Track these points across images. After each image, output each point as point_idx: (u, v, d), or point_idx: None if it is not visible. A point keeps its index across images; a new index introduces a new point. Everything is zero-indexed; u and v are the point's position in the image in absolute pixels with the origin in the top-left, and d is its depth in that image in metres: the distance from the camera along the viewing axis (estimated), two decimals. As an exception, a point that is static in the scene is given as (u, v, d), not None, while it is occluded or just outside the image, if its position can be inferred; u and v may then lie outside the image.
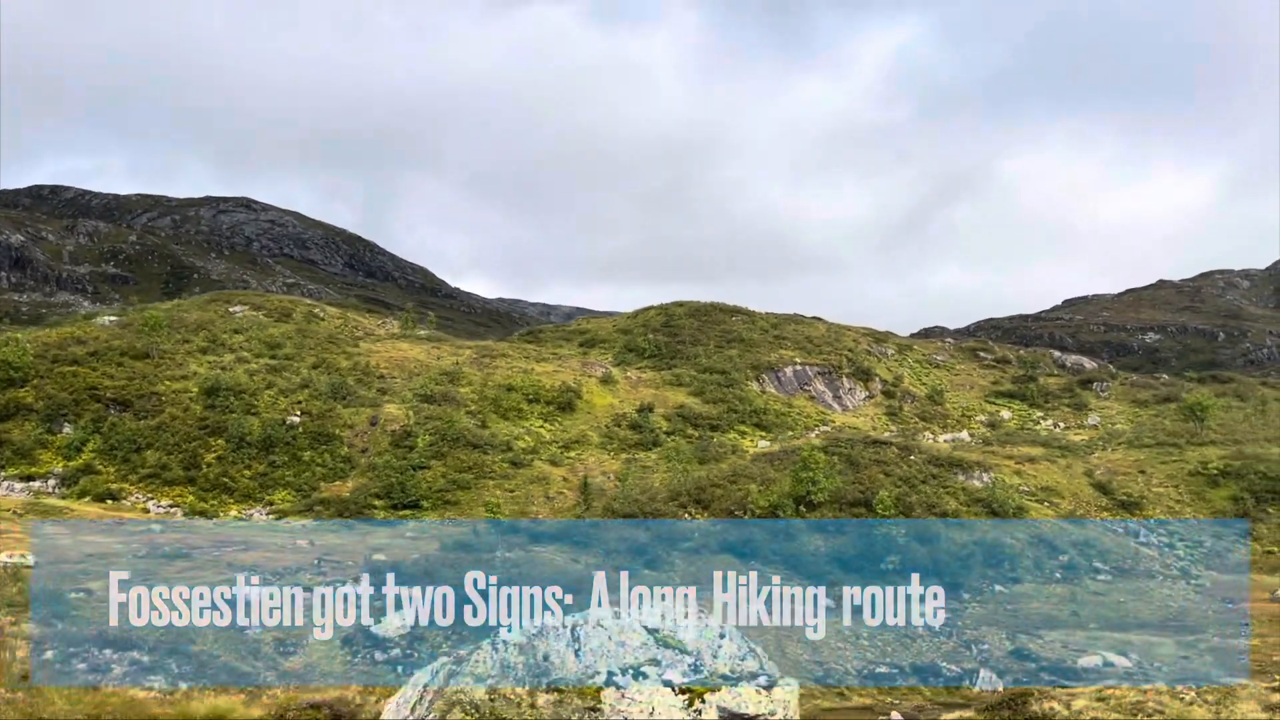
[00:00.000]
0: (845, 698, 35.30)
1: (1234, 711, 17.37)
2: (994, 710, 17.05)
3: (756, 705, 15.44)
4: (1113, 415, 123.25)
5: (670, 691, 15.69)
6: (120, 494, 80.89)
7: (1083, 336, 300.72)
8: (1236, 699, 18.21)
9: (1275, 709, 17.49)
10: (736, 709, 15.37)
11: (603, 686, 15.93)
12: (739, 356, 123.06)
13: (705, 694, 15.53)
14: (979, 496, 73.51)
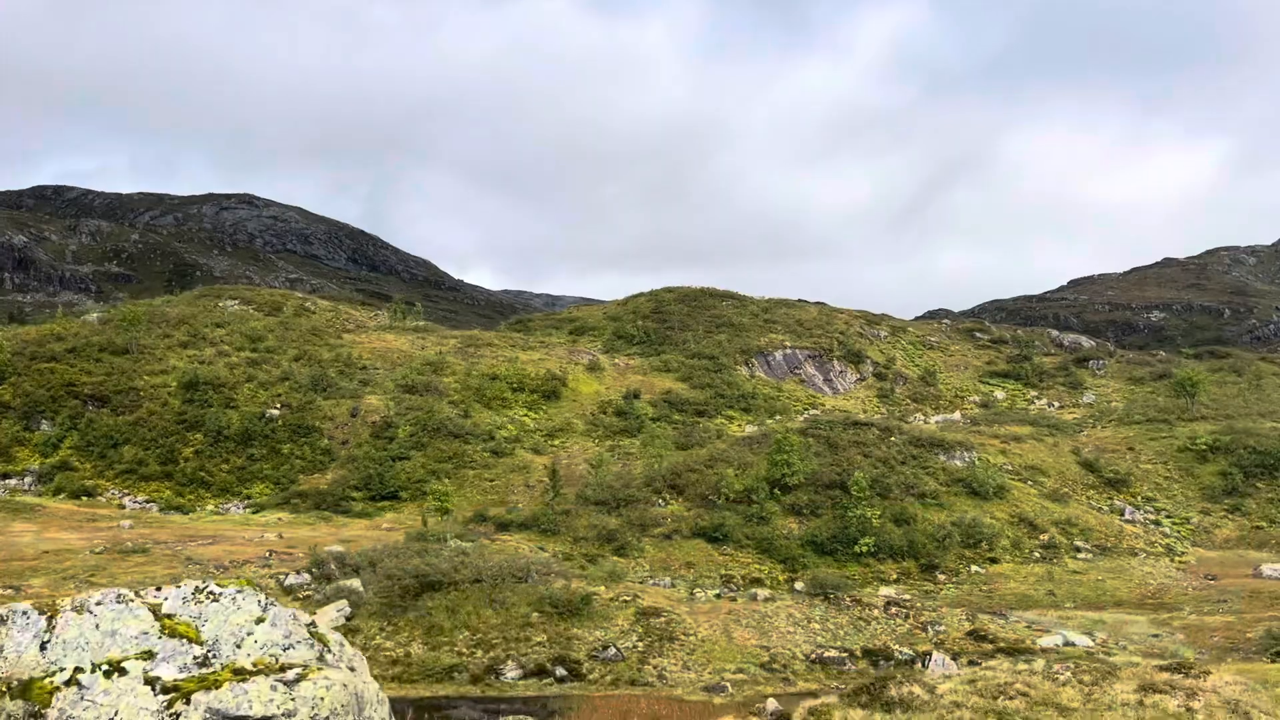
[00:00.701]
0: (790, 683, 34.19)
1: (1106, 693, 16.33)
2: (853, 695, 16.08)
3: (267, 705, 12.70)
4: (1108, 393, 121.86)
5: (149, 690, 12.94)
6: (96, 490, 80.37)
7: (1088, 316, 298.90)
8: (1116, 679, 17.15)
9: (1150, 689, 16.43)
10: (234, 710, 12.79)
11: (60, 686, 13.04)
12: (728, 341, 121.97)
13: (195, 692, 12.88)
14: (959, 476, 72.33)
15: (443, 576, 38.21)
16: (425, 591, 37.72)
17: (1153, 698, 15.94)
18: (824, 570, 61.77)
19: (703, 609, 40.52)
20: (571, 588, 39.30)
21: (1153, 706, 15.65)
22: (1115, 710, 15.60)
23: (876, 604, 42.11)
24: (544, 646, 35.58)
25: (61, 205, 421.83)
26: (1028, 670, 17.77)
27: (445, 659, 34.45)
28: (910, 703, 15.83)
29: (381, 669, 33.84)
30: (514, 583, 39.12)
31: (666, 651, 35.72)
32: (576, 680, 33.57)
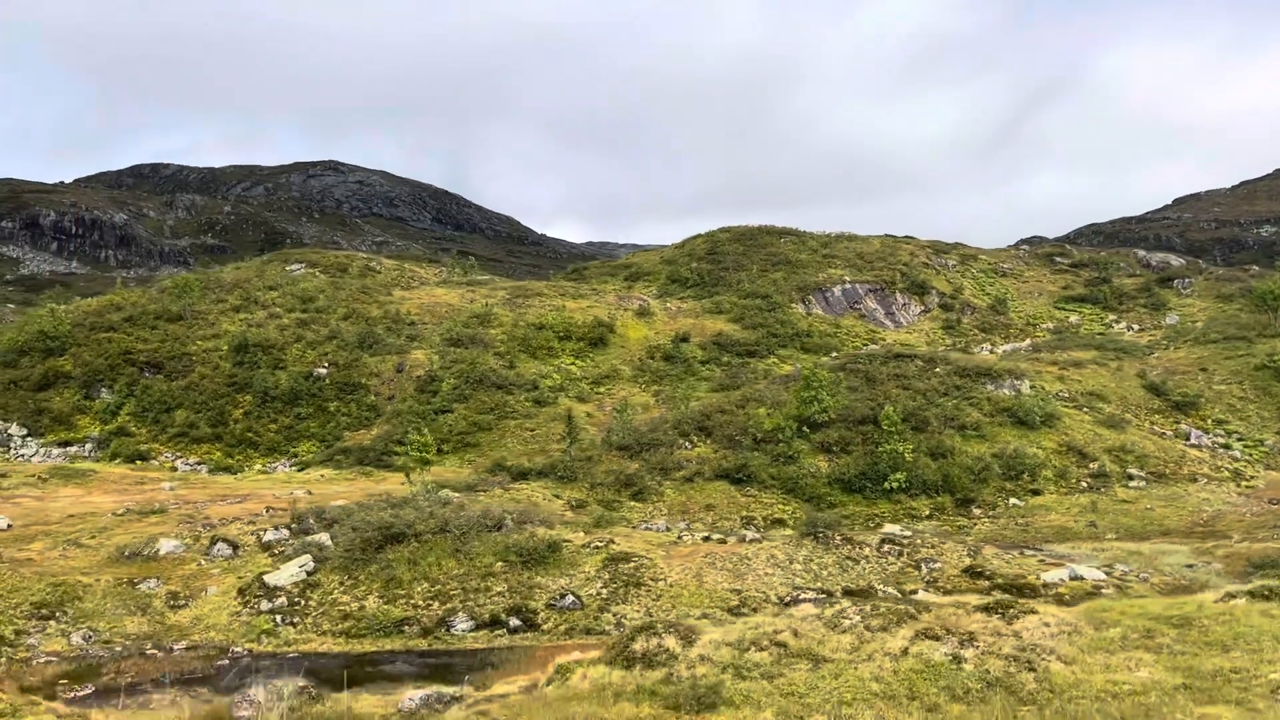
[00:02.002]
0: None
1: (883, 641, 14.27)
2: (611, 649, 14.45)
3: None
4: (1194, 313, 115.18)
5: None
6: (150, 454, 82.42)
7: (1191, 235, 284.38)
8: (904, 624, 15.02)
9: (924, 635, 14.29)
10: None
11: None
12: (784, 279, 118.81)
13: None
14: (1005, 406, 68.73)
15: (406, 528, 37.46)
16: (389, 544, 37.05)
17: (920, 645, 13.89)
18: (854, 508, 59.60)
19: (682, 552, 38.95)
20: (539, 535, 38.13)
21: (915, 656, 13.62)
22: (874, 661, 13.62)
23: (869, 542, 39.87)
24: (503, 597, 34.59)
25: (158, 182, 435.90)
26: (814, 617, 15.79)
27: (398, 612, 33.75)
28: (654, 658, 14.10)
29: (332, 624, 33.35)
30: (485, 532, 38.12)
31: (630, 598, 34.34)
32: (530, 630, 32.49)
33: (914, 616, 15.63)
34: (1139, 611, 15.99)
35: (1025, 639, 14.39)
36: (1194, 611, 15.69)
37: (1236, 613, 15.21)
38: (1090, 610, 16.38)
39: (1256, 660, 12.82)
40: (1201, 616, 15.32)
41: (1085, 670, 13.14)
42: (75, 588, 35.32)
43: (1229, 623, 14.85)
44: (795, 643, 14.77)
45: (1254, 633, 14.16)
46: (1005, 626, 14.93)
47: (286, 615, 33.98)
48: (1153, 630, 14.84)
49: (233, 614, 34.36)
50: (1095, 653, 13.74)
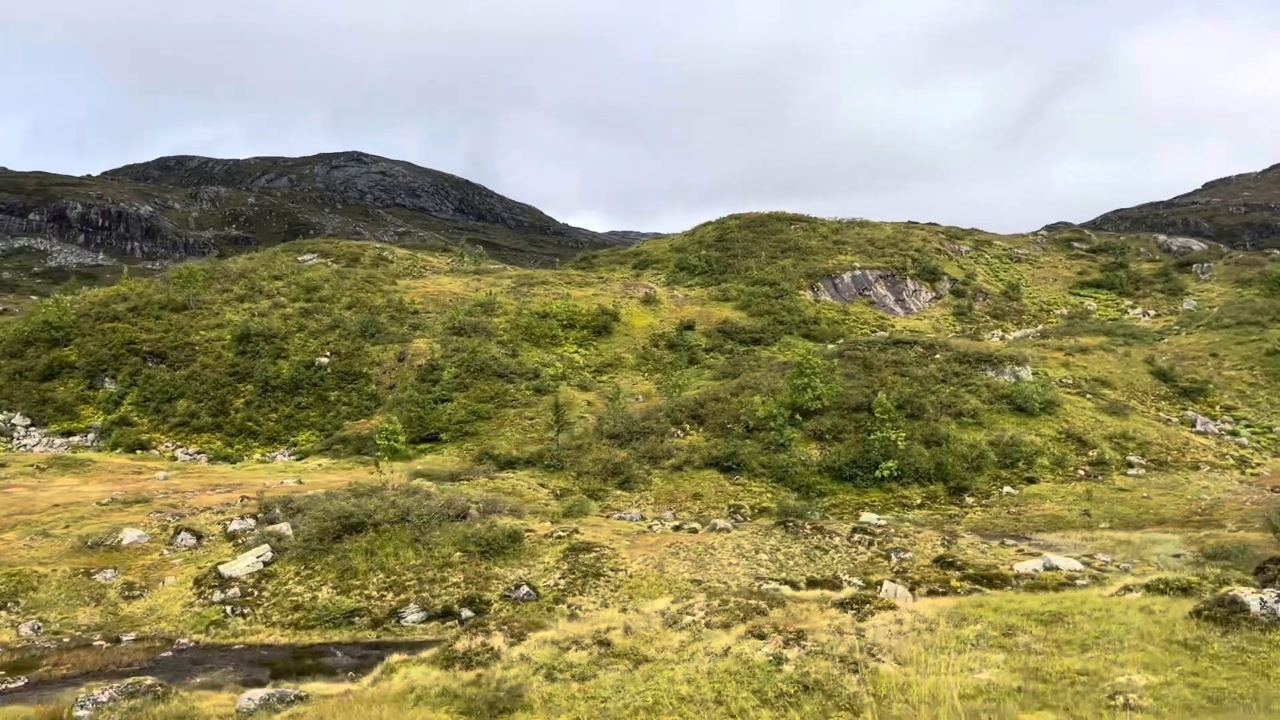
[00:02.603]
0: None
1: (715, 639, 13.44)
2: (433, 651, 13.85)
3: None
4: (1212, 298, 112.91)
5: None
6: (151, 444, 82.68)
7: (1220, 220, 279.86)
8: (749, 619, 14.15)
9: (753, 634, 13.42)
10: None
11: None
12: (793, 266, 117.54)
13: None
14: (1004, 393, 67.42)
15: (366, 518, 37.00)
16: (348, 534, 36.61)
17: (745, 644, 13.09)
18: (844, 497, 58.67)
19: (648, 542, 38.22)
20: (499, 525, 37.55)
21: (736, 656, 12.84)
22: (694, 661, 12.86)
23: (840, 532, 38.99)
24: (458, 588, 34.06)
25: (184, 174, 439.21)
26: (655, 614, 15.03)
27: (350, 603, 33.32)
28: (474, 657, 13.43)
29: (282, 615, 32.95)
30: (448, 522, 37.60)
31: (588, 589, 33.72)
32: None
33: (762, 612, 14.82)
34: (1014, 607, 15.11)
35: (869, 637, 13.57)
36: (1074, 606, 14.78)
37: (1116, 609, 14.29)
38: (959, 605, 15.50)
39: (1110, 662, 11.93)
40: (1076, 612, 14.41)
41: (920, 672, 12.31)
42: (31, 578, 35.17)
43: (1101, 619, 13.94)
44: (622, 642, 14.04)
45: (1122, 631, 13.26)
46: (854, 624, 14.09)
47: (238, 606, 33.64)
48: (1017, 628, 13.96)
49: (186, 605, 34.08)
50: (940, 653, 12.91)
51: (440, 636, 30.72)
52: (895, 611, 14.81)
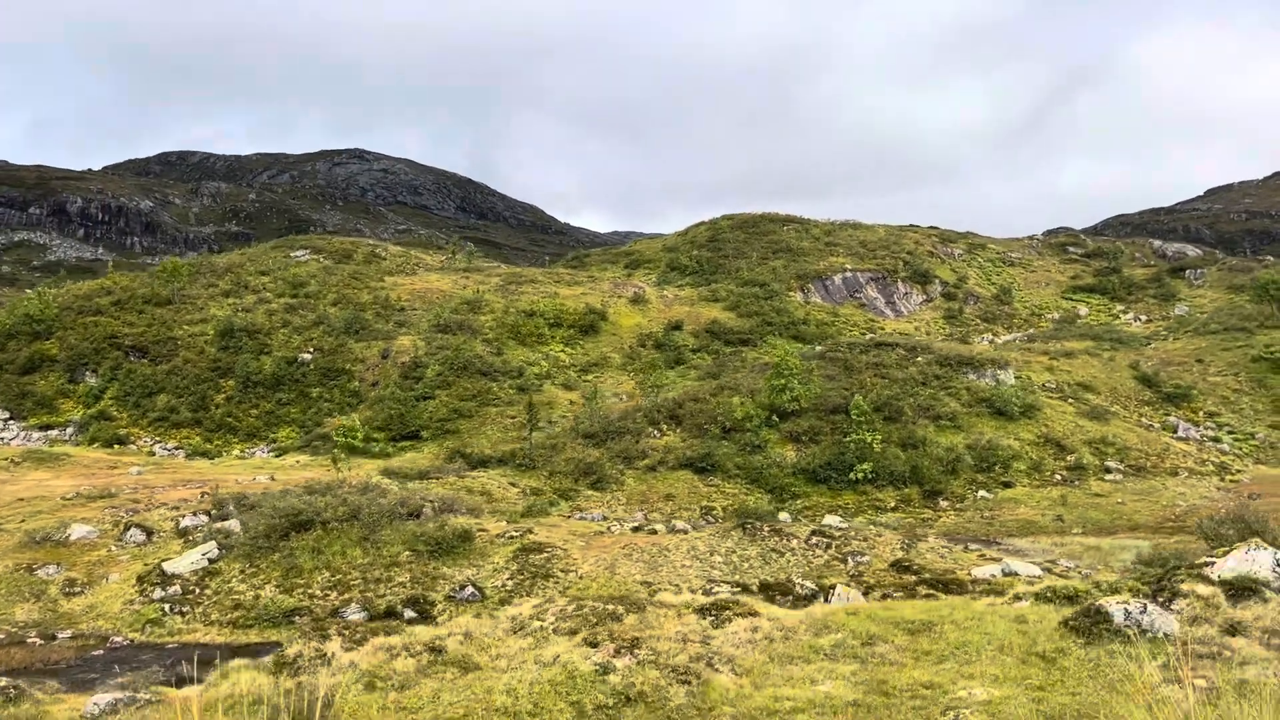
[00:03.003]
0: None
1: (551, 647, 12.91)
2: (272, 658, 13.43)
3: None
4: (1204, 304, 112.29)
5: None
6: (129, 438, 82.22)
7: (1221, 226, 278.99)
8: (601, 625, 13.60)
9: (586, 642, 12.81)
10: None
11: None
12: (784, 267, 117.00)
13: None
14: (984, 396, 66.83)
15: (315, 515, 36.51)
16: (296, 531, 36.11)
17: (574, 653, 12.57)
18: (817, 499, 58.12)
19: (603, 543, 37.70)
20: (450, 524, 37.03)
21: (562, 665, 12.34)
22: (520, 671, 12.35)
23: (799, 535, 38.42)
24: (404, 587, 33.55)
25: (185, 170, 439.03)
26: (506, 619, 14.51)
27: (292, 602, 32.84)
28: (301, 664, 12.95)
29: (221, 613, 32.45)
30: (400, 521, 37.10)
31: (536, 590, 33.21)
32: (425, 622, 31.43)
33: (617, 618, 14.27)
34: (886, 615, 14.57)
35: (714, 645, 13.01)
36: (947, 615, 14.23)
37: (989, 618, 13.74)
38: (827, 613, 14.97)
39: (960, 674, 11.38)
40: (948, 621, 13.85)
41: (757, 683, 11.77)
42: (-28, 572, 34.70)
43: (970, 629, 13.38)
44: (457, 648, 13.52)
45: (984, 641, 12.70)
46: (706, 632, 13.54)
47: (177, 604, 33.14)
48: (879, 637, 13.40)
49: (126, 602, 33.61)
50: (786, 663, 12.35)
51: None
52: (756, 619, 14.27)
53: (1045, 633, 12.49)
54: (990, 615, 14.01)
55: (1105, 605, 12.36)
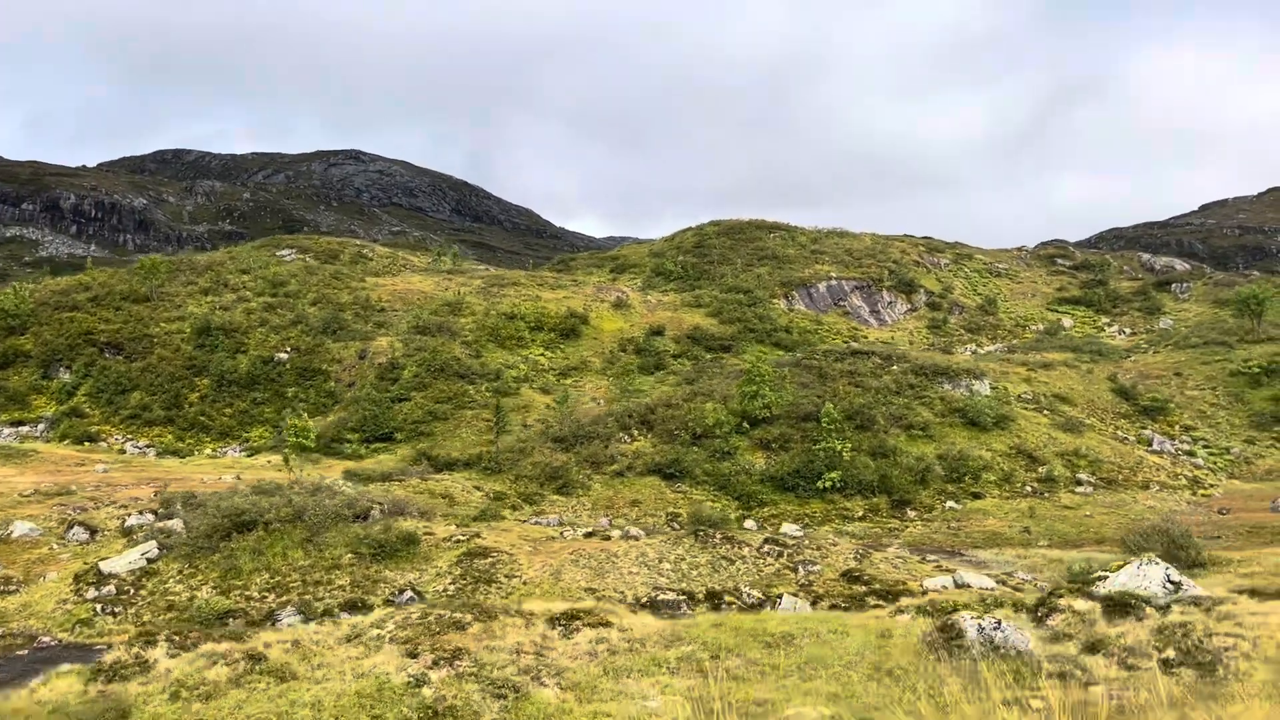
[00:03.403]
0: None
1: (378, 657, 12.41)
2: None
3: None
4: (1189, 317, 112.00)
5: None
6: (100, 436, 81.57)
7: (1214, 241, 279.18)
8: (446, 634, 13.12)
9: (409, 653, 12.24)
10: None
11: None
12: (769, 274, 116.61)
13: None
14: (957, 406, 66.38)
15: (258, 515, 35.97)
16: (238, 532, 35.58)
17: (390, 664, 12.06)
18: (784, 507, 57.62)
19: (551, 549, 37.18)
20: (395, 527, 36.51)
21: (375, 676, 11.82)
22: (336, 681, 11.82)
23: (751, 543, 37.92)
24: (343, 590, 33.03)
25: (181, 168, 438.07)
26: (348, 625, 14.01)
27: (227, 604, 32.30)
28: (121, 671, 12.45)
29: (154, 614, 31.90)
30: (346, 523, 36.56)
31: (476, 594, 32.66)
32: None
33: (461, 627, 13.75)
34: (750, 628, 14.07)
35: (550, 658, 12.52)
36: (812, 628, 13.75)
37: (855, 631, 13.26)
38: (693, 624, 14.49)
39: (797, 692, 10.91)
40: (809, 634, 13.38)
41: (582, 698, 11.26)
42: (-94, 568, 34.10)
43: (830, 642, 12.91)
44: (280, 656, 13.04)
45: (835, 657, 12.23)
46: (551, 642, 13.06)
47: (110, 605, 32.59)
48: (734, 650, 12.91)
49: (60, 601, 33.04)
50: (622, 676, 11.84)
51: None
52: (607, 629, 13.75)
53: (904, 648, 12.03)
54: (859, 629, 13.53)
55: (959, 621, 11.88)
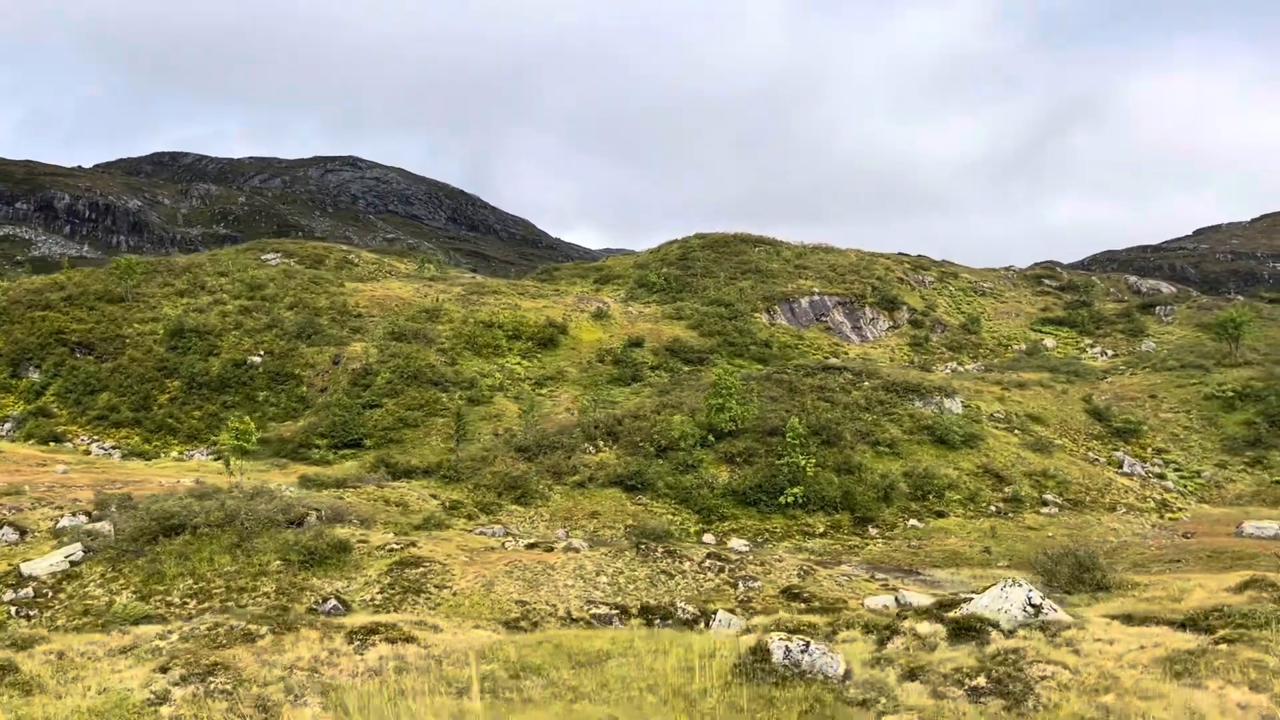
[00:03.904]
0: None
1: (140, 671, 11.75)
2: None
3: None
4: (1171, 340, 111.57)
5: None
6: (66, 436, 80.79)
7: (1206, 266, 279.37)
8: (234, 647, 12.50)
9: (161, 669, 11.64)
10: None
11: None
12: (751, 288, 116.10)
13: None
14: (926, 424, 65.77)
15: (187, 519, 35.30)
16: (165, 535, 34.91)
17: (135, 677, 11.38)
18: (745, 521, 56.93)
19: (488, 560, 36.51)
20: (327, 535, 35.85)
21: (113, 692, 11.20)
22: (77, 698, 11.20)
23: (693, 557, 37.27)
24: (268, 598, 32.32)
25: (177, 170, 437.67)
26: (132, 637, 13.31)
27: (146, 609, 31.59)
28: None
29: (69, 619, 31.22)
30: (280, 529, 35.87)
31: (404, 605, 32.02)
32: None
33: (251, 639, 13.08)
34: (571, 645, 13.38)
35: (326, 675, 11.89)
36: (631, 648, 13.14)
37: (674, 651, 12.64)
38: (502, 641, 13.85)
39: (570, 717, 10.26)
40: (626, 654, 12.78)
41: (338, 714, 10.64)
42: None
43: (640, 663, 12.27)
44: (35, 668, 12.38)
45: (641, 678, 11.55)
46: (340, 656, 12.40)
47: (26, 608, 31.92)
48: (538, 670, 12.27)
49: (-26, 603, 32.30)
50: (401, 698, 11.17)
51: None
52: (406, 645, 13.11)
53: (720, 670, 11.40)
54: (677, 649, 12.92)
55: (768, 643, 11.26)
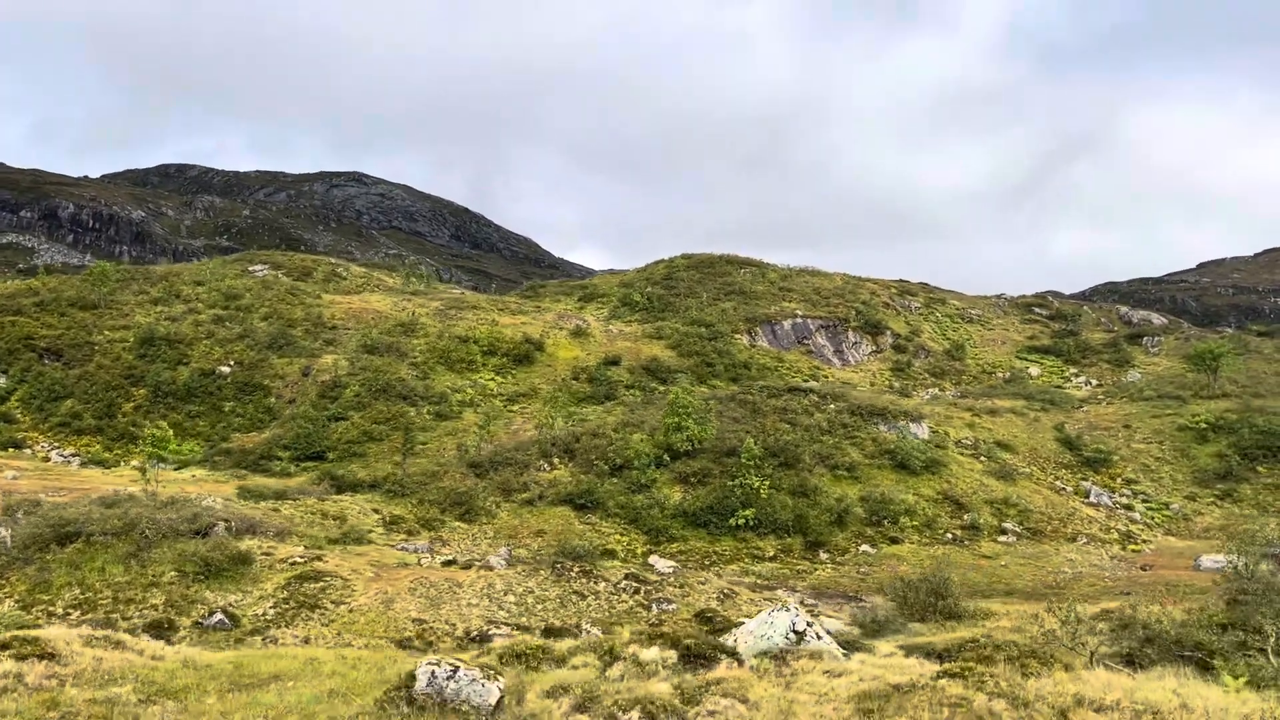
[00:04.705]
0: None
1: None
2: None
3: None
4: (1157, 371, 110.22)
5: None
6: (26, 443, 79.93)
7: (1207, 300, 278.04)
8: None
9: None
10: None
11: None
12: (734, 310, 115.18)
13: None
14: (887, 448, 64.56)
15: (83, 526, 34.34)
16: (59, 543, 33.93)
17: None
18: (695, 543, 55.76)
19: (395, 576, 35.45)
20: (227, 546, 34.83)
21: None
22: None
23: (610, 578, 36.16)
24: (155, 610, 31.31)
25: (183, 182, 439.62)
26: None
27: (24, 619, 30.57)
28: None
29: (-58, 624, 30.27)
30: (183, 539, 34.88)
31: (297, 621, 30.96)
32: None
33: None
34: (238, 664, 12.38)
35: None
36: (328, 669, 12.20)
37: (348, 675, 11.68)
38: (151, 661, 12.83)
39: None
40: (296, 678, 11.84)
41: None
42: None
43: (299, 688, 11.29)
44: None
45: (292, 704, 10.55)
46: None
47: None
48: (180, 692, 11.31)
49: None
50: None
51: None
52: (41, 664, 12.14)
53: (373, 698, 10.38)
54: (371, 669, 11.89)
55: (416, 672, 10.27)
